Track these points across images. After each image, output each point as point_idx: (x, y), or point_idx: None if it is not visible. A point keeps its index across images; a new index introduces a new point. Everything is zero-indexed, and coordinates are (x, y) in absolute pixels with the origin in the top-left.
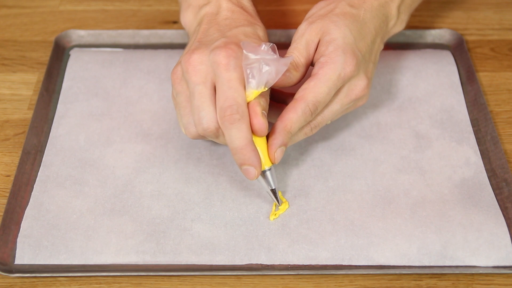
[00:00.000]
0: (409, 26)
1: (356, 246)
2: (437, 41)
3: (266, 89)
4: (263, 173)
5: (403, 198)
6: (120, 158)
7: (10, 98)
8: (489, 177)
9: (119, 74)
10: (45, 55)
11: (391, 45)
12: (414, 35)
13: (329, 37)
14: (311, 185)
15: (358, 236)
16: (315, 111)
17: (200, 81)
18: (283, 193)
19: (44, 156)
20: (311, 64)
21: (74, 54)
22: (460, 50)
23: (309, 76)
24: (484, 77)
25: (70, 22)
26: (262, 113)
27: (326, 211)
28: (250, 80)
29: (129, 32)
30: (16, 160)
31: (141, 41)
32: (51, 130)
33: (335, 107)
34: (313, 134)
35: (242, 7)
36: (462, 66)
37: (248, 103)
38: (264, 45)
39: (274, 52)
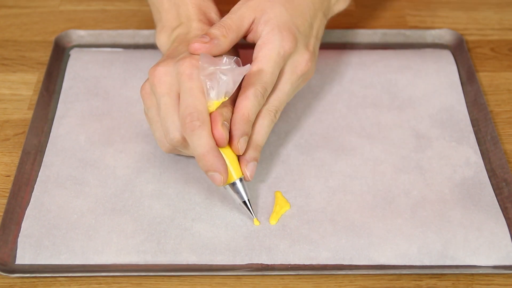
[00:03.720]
0: (409, 26)
1: (357, 246)
2: (437, 41)
3: (226, 98)
4: (232, 185)
5: (403, 198)
6: (121, 158)
7: (10, 98)
8: (489, 177)
9: (119, 74)
10: (45, 55)
11: (391, 45)
12: (414, 35)
13: (266, 17)
14: (311, 185)
15: (358, 236)
16: (265, 93)
17: (165, 92)
18: (284, 193)
19: (44, 156)
20: (244, 37)
21: (74, 54)
22: (460, 50)
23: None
24: (484, 77)
25: (70, 22)
26: (223, 123)
27: (326, 211)
28: (209, 91)
29: (129, 32)
30: (16, 160)
31: (141, 41)
32: (52, 130)
33: (286, 87)
34: (314, 135)
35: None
36: (462, 66)
37: (210, 114)
38: (225, 59)
39: (238, 65)
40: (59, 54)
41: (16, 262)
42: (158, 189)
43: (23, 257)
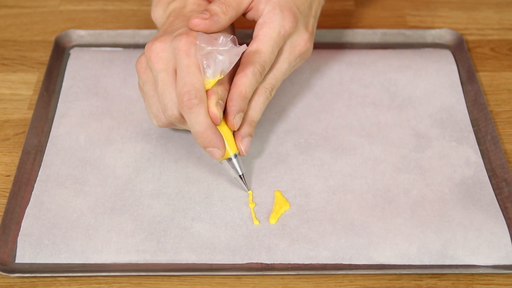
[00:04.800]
0: (409, 26)
1: (356, 245)
2: (437, 41)
3: (222, 76)
4: (229, 160)
5: (403, 197)
6: (121, 157)
7: (10, 98)
8: (489, 177)
9: (119, 74)
10: (45, 55)
11: (391, 44)
12: (414, 35)
13: None
14: (311, 185)
15: (358, 236)
16: (264, 71)
17: (162, 68)
18: (284, 192)
19: (44, 155)
20: (243, 15)
21: (74, 53)
22: (460, 50)
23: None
24: (484, 77)
25: (70, 22)
26: (218, 102)
27: (326, 210)
28: (206, 69)
29: (129, 32)
30: (16, 160)
31: (141, 41)
32: (51, 129)
33: (284, 66)
34: (313, 134)
35: (209, 1)
36: (462, 66)
37: (206, 92)
38: (222, 37)
39: (234, 44)
40: (59, 54)
41: (16, 261)
42: (158, 188)
43: (23, 255)
